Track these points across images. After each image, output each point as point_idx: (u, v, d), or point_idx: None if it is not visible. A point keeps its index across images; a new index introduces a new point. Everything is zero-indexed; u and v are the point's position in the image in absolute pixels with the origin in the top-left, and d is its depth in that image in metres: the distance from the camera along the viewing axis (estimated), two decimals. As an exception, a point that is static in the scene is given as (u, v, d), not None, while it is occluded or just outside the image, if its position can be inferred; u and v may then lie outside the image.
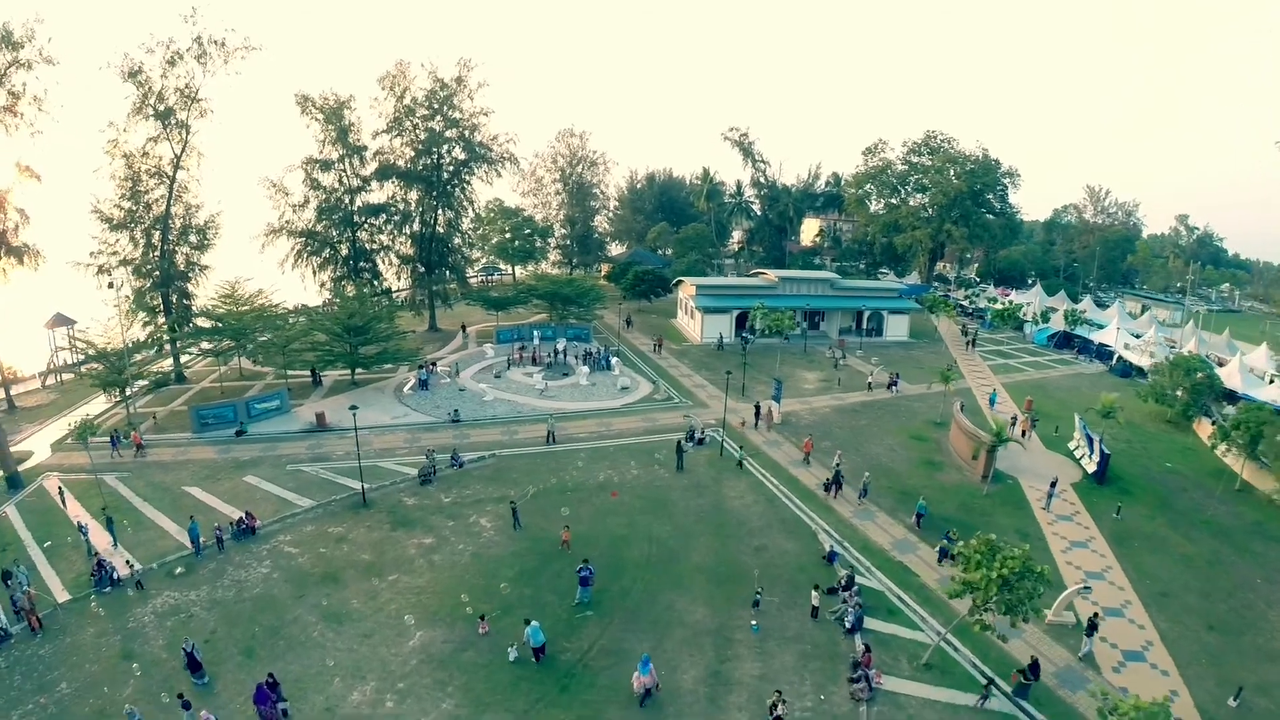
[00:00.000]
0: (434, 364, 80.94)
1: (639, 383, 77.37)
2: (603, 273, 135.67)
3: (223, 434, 61.88)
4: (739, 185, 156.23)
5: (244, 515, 45.53)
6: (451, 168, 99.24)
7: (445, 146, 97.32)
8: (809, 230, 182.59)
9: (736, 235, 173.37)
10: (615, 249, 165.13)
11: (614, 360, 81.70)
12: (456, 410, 66.37)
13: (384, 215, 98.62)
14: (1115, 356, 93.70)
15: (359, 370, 77.92)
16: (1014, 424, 65.01)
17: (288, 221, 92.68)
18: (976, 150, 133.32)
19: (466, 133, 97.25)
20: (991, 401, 74.59)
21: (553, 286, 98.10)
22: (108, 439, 57.65)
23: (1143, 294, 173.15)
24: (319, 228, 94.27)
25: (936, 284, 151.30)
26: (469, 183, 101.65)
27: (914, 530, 47.63)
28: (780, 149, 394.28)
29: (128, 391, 66.78)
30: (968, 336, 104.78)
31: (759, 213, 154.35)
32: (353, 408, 53.05)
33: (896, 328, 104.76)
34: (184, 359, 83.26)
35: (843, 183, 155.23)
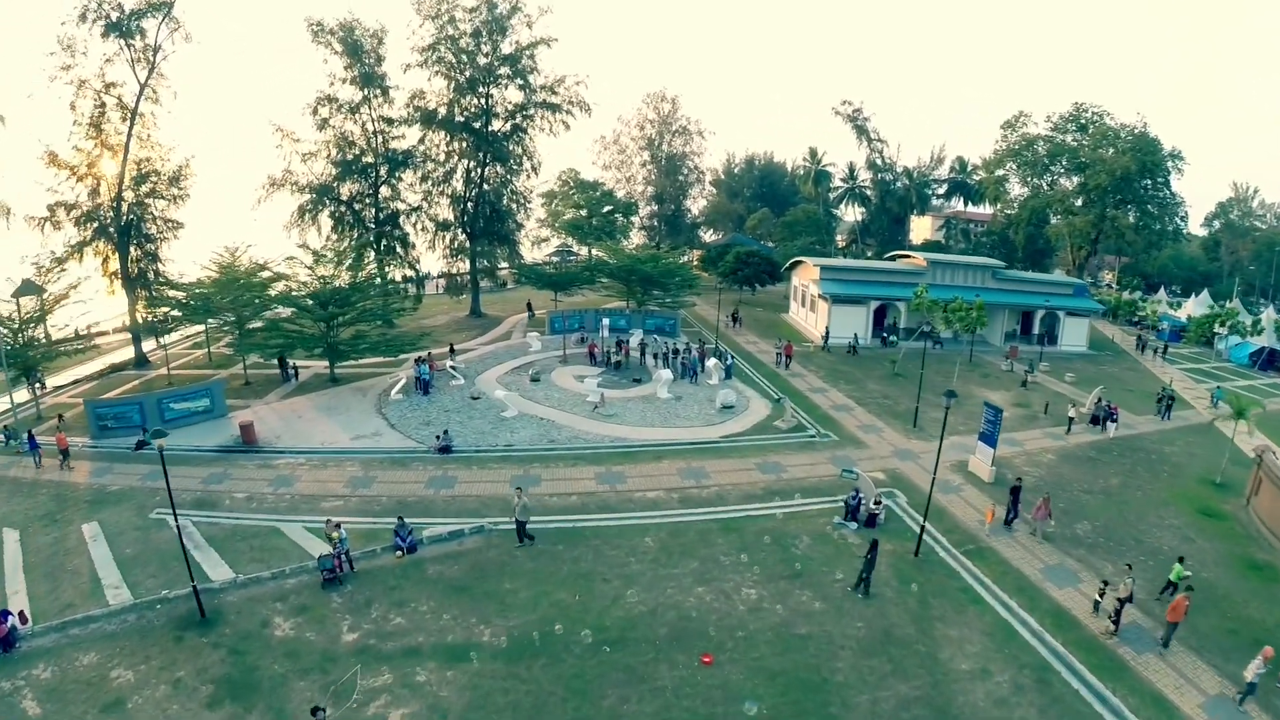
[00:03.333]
0: (449, 356, 53.13)
1: (748, 400, 47.51)
2: (694, 259, 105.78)
3: (126, 442, 38.77)
4: (851, 167, 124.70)
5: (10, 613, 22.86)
6: (504, 113, 72.14)
7: (495, 86, 70.29)
8: (919, 229, 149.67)
9: (841, 231, 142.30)
10: (708, 237, 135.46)
11: (711, 364, 51.86)
12: (446, 432, 37.78)
13: (413, 167, 72.08)
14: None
15: (349, 361, 51.53)
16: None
17: (291, 173, 67.40)
18: (1137, 122, 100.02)
19: (523, 66, 69.94)
20: None
21: (629, 262, 68.60)
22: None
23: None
24: (332, 182, 68.60)
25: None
26: (526, 133, 73.81)
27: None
28: (893, 132, 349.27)
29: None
30: (1150, 349, 74.09)
31: (874, 200, 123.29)
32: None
33: (1074, 334, 72.71)
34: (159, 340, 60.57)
35: (969, 167, 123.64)
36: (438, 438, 37.11)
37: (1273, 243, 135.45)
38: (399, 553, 26.93)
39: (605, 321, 60.04)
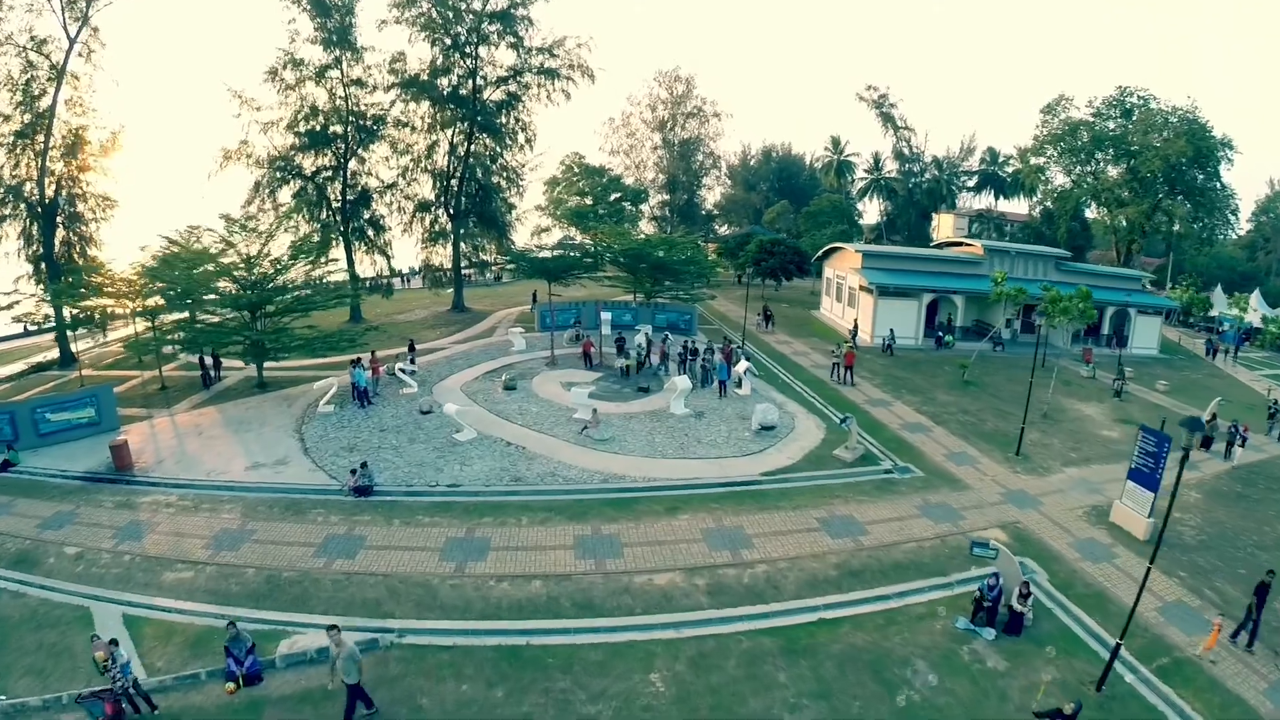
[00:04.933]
0: (406, 357, 40.66)
1: (793, 417, 35.07)
2: (710, 251, 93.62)
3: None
4: (876, 157, 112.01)
5: None
6: (495, 78, 60.30)
7: (485, 45, 58.30)
8: (943, 228, 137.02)
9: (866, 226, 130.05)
10: (723, 230, 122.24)
11: (741, 368, 39.32)
12: (365, 466, 25.40)
13: (387, 139, 60.38)
14: None
15: (285, 361, 40.51)
16: None
17: (247, 144, 55.87)
18: (1188, 105, 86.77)
19: (516, 21, 58.00)
20: None
21: (638, 246, 55.88)
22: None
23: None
24: (292, 153, 56.90)
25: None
26: (521, 101, 61.69)
27: None
28: (921, 121, 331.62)
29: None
30: (1221, 353, 63.30)
31: (901, 191, 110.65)
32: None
33: (1146, 334, 60.25)
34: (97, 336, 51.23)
35: (1001, 159, 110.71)
36: (353, 473, 25.04)
37: None
38: (231, 684, 15.27)
39: (606, 316, 47.57)
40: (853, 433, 29.84)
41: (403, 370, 37.97)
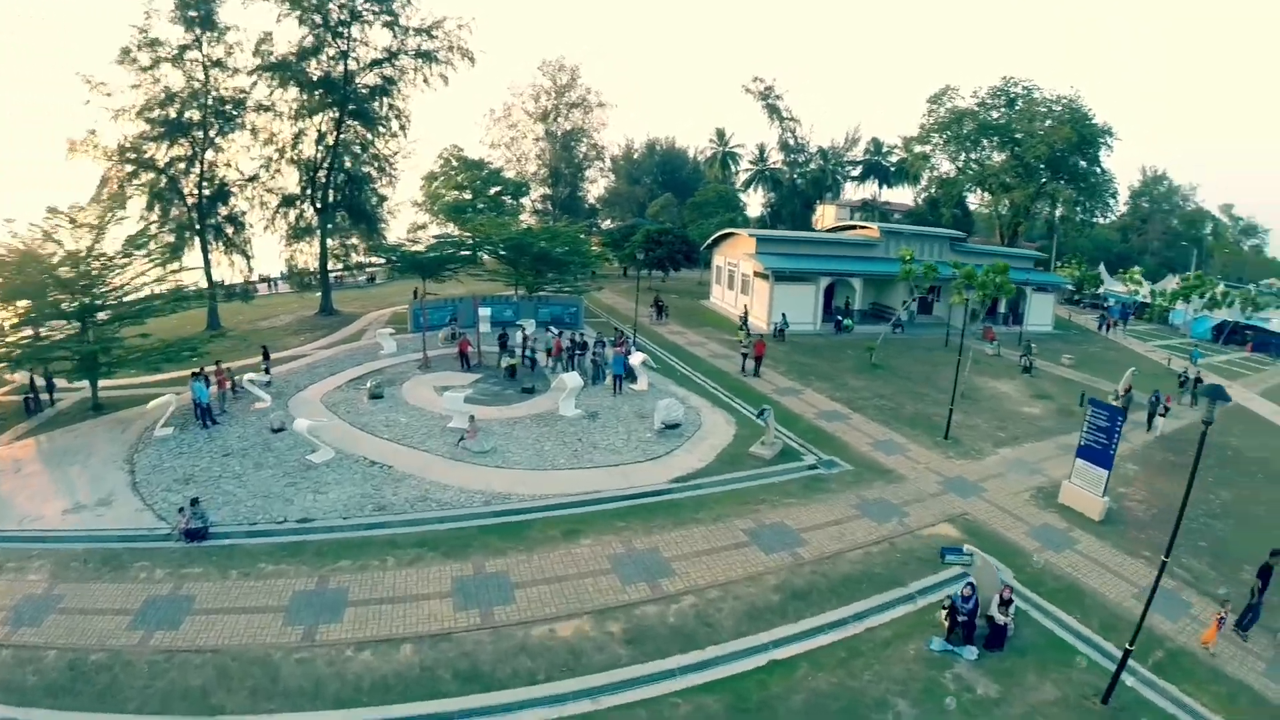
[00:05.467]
0: (260, 369, 34.98)
1: (699, 412, 31.58)
2: (595, 244, 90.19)
3: None
4: (761, 149, 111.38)
5: None
6: (369, 61, 54.84)
7: (357, 26, 52.94)
8: (825, 219, 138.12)
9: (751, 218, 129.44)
10: (606, 224, 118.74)
11: (637, 359, 35.47)
12: (197, 502, 20.13)
13: (248, 127, 53.80)
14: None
15: (124, 377, 34.57)
16: None
17: (94, 134, 49.17)
18: (1070, 94, 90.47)
19: (393, 0, 53.15)
20: None
21: (519, 236, 51.53)
22: None
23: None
24: (143, 143, 50.24)
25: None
26: (396, 86, 56.43)
27: None
28: (806, 113, 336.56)
29: None
30: (1110, 326, 67.35)
31: (786, 182, 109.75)
32: None
33: (1041, 312, 61.11)
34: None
35: (885, 148, 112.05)
36: (181, 511, 19.97)
37: (1194, 222, 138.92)
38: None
39: (485, 312, 43.18)
40: (770, 426, 26.50)
41: (252, 382, 32.48)
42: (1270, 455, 31.16)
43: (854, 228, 66.43)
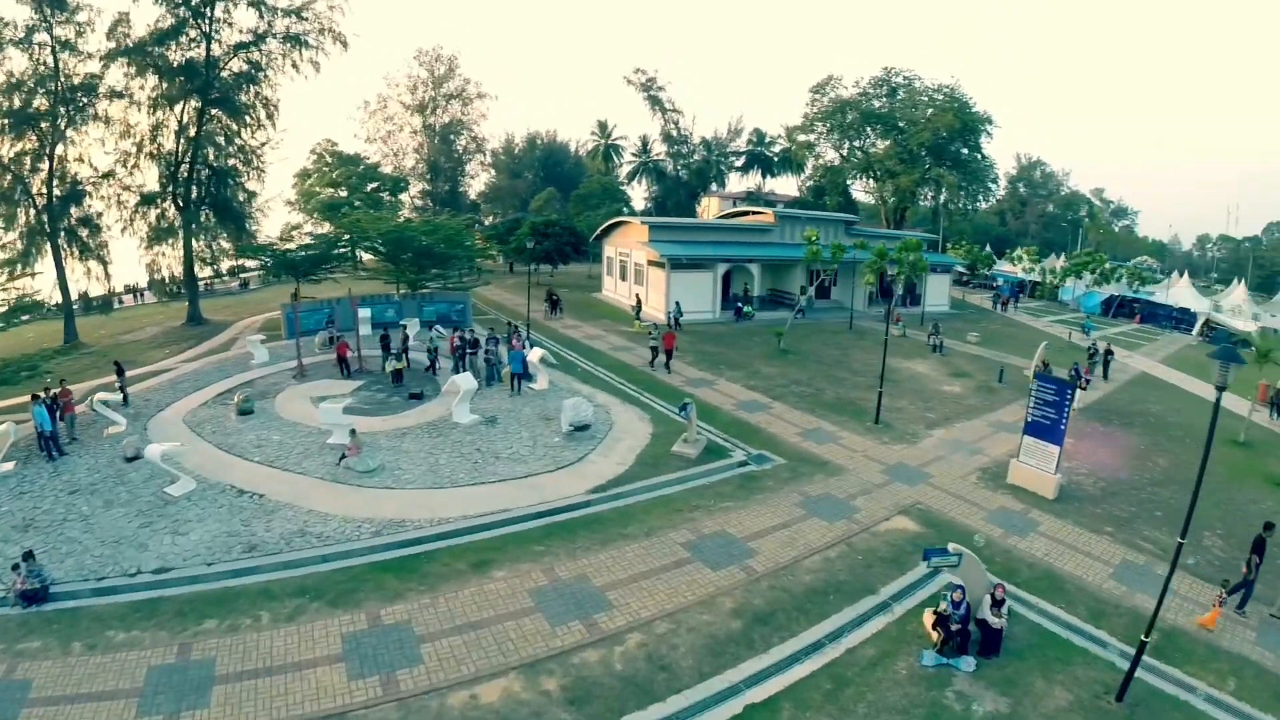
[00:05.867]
0: (113, 388, 29.84)
1: (609, 410, 28.82)
2: (478, 240, 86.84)
3: None
4: (644, 141, 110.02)
5: None
6: (234, 46, 49.69)
7: (220, 5, 47.78)
8: (709, 211, 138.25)
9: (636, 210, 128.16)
10: (489, 220, 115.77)
11: (535, 355, 32.51)
12: (31, 556, 15.77)
13: (95, 113, 48.05)
14: (1203, 324, 64.85)
15: None
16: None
17: None
18: (950, 82, 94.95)
19: None
20: None
21: (398, 230, 48.14)
22: None
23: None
24: None
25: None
26: (264, 72, 51.57)
27: None
28: (688, 105, 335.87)
29: None
30: (1005, 304, 69.77)
31: (670, 173, 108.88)
32: None
33: (938, 292, 61.79)
34: None
35: (768, 139, 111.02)
36: (15, 569, 15.76)
37: (1070, 205, 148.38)
38: None
39: (364, 313, 39.27)
40: (692, 422, 24.01)
41: (105, 403, 27.73)
42: (1190, 419, 31.11)
43: (749, 213, 64.90)
